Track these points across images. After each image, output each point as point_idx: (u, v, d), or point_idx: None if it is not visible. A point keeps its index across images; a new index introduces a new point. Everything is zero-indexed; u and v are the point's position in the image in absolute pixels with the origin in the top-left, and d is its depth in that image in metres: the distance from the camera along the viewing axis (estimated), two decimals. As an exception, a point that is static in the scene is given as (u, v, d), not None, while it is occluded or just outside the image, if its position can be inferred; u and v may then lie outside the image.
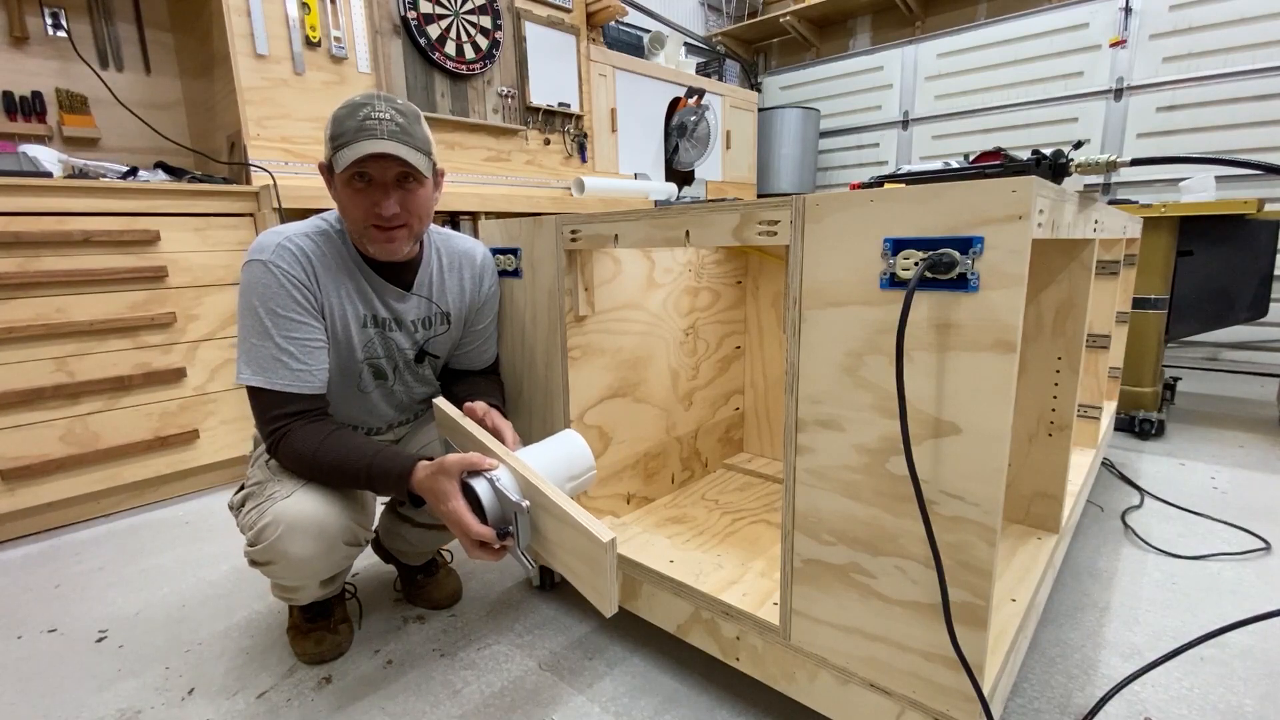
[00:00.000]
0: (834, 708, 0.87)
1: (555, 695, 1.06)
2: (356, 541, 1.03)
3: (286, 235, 1.03)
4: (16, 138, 2.01)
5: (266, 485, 1.01)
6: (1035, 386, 1.22)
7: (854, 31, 4.47)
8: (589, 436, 1.21)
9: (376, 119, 0.98)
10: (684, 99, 3.56)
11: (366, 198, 1.00)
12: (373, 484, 0.96)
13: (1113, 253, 1.65)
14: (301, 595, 1.06)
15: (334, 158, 0.98)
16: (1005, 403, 0.66)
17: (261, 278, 0.99)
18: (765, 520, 1.30)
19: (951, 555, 0.72)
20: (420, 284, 1.14)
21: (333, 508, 0.99)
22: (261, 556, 0.97)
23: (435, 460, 0.91)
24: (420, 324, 1.16)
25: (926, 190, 0.69)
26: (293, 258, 1.01)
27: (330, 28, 2.17)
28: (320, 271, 1.03)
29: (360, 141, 0.96)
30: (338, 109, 0.99)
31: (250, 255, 1.01)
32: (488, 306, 1.24)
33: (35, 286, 1.62)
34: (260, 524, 0.96)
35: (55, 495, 1.70)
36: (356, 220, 1.02)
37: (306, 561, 0.97)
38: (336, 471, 0.97)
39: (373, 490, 0.98)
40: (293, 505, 0.96)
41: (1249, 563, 1.43)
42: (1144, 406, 2.27)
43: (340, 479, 0.98)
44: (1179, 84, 3.11)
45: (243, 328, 1.00)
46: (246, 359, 1.00)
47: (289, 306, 1.00)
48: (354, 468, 0.96)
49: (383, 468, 0.95)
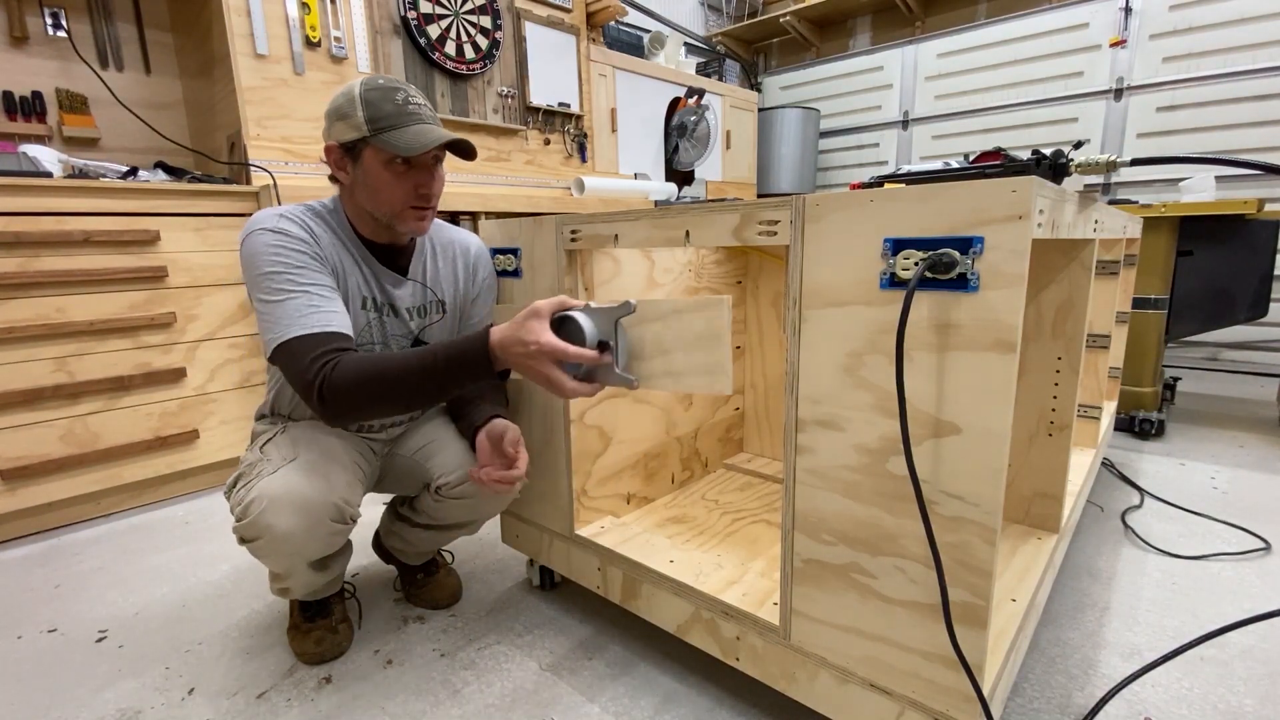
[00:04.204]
0: (834, 708, 0.87)
1: (555, 695, 1.06)
2: (343, 519, 1.02)
3: (282, 211, 1.02)
4: (16, 138, 2.01)
5: (256, 465, 1.02)
6: (1035, 386, 1.22)
7: (854, 31, 4.47)
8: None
9: (416, 104, 1.01)
10: (684, 99, 3.56)
11: (409, 180, 1.01)
12: (450, 368, 0.88)
13: (1113, 253, 1.65)
14: (293, 583, 1.06)
15: (375, 139, 0.98)
16: (1005, 403, 0.66)
17: (272, 241, 0.97)
18: (765, 520, 1.30)
19: (951, 555, 0.72)
20: (415, 270, 1.15)
21: (318, 483, 0.99)
22: (247, 532, 0.97)
23: (522, 310, 0.87)
24: (416, 311, 1.16)
25: (926, 190, 0.69)
26: (297, 226, 1.01)
27: (330, 28, 2.17)
28: (323, 244, 1.03)
29: (411, 126, 0.98)
30: (363, 90, 0.98)
31: (251, 228, 0.98)
32: (483, 298, 1.24)
33: (35, 286, 1.62)
34: (247, 500, 0.97)
35: (55, 495, 1.70)
36: (394, 201, 1.02)
37: (290, 536, 0.96)
38: (405, 375, 0.89)
39: (450, 381, 0.89)
40: (278, 480, 0.97)
41: (1249, 563, 1.43)
42: (1144, 406, 2.27)
43: (411, 381, 0.89)
44: (1179, 84, 3.11)
45: (262, 295, 0.96)
46: (274, 323, 0.94)
47: (305, 262, 0.98)
48: (424, 362, 0.89)
49: (456, 346, 0.88)
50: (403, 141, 0.98)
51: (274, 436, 1.09)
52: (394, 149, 0.98)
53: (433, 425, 1.23)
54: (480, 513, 1.22)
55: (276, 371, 1.13)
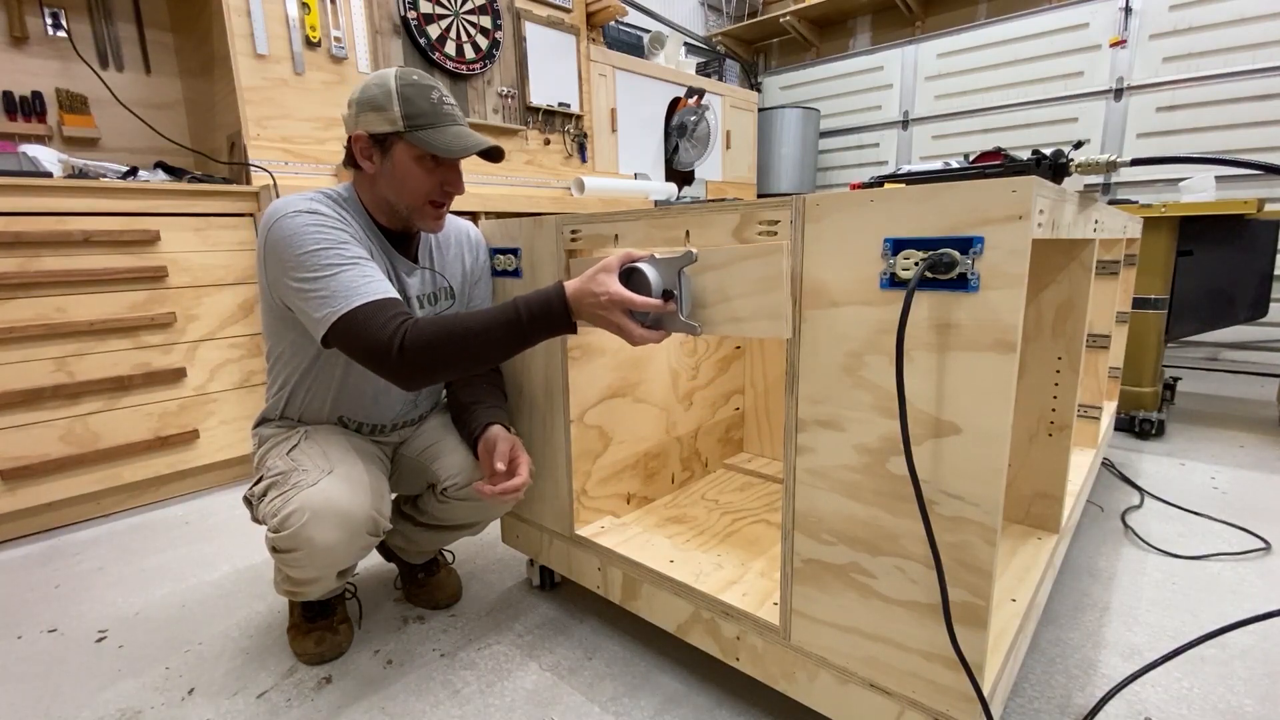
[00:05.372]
0: (834, 708, 0.87)
1: (555, 695, 1.06)
2: (376, 531, 1.03)
3: (307, 196, 1.01)
4: (16, 138, 2.01)
5: (291, 474, 1.00)
6: (1035, 386, 1.22)
7: (854, 31, 4.47)
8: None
9: (450, 104, 1.02)
10: (684, 99, 3.56)
11: (436, 176, 1.03)
12: (534, 323, 0.90)
13: (1113, 253, 1.65)
14: (314, 589, 1.06)
15: (410, 135, 0.98)
16: (1005, 403, 0.66)
17: (310, 222, 0.96)
18: (765, 520, 1.30)
19: (951, 555, 0.72)
20: (424, 257, 1.16)
21: (359, 496, 0.99)
22: (285, 544, 0.95)
23: (592, 265, 0.91)
24: (426, 299, 1.17)
25: (926, 190, 0.69)
26: (328, 209, 1.00)
27: (330, 28, 2.17)
28: (353, 227, 1.03)
29: (450, 128, 1.00)
30: (399, 84, 0.98)
31: (279, 212, 0.97)
32: (483, 282, 1.25)
33: (35, 286, 1.62)
34: (285, 511, 0.95)
35: (55, 495, 1.70)
36: (418, 195, 1.03)
37: (331, 549, 0.96)
38: (487, 330, 0.89)
39: (532, 334, 0.91)
40: (319, 493, 0.96)
41: (1249, 563, 1.43)
42: (1144, 406, 2.27)
43: (493, 336, 0.90)
44: (1179, 84, 3.11)
45: (308, 273, 0.93)
46: (330, 296, 0.92)
47: (347, 239, 0.98)
48: (507, 316, 0.90)
49: (536, 301, 0.90)
50: (441, 143, 0.99)
51: (299, 442, 1.07)
52: (431, 148, 0.99)
53: (438, 426, 1.23)
54: (485, 515, 1.22)
55: (284, 373, 1.13)
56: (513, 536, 1.37)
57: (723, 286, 0.88)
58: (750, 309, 0.86)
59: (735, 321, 0.88)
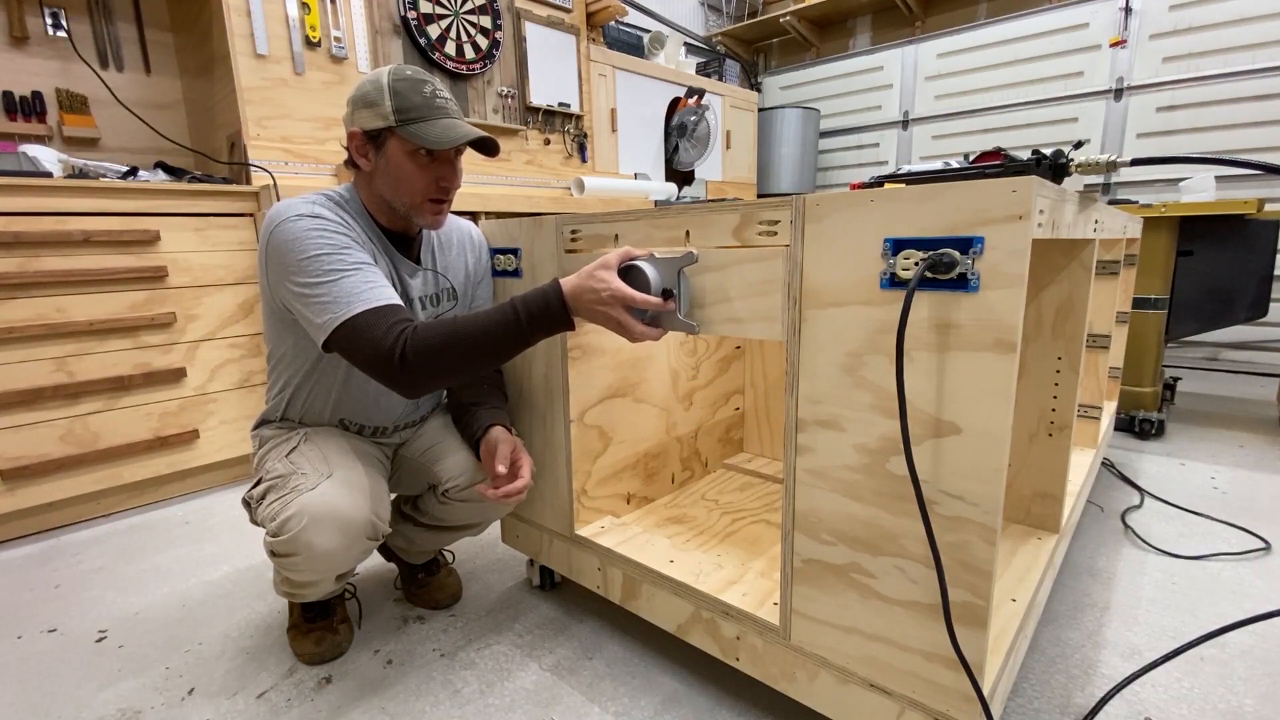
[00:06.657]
0: (834, 708, 0.87)
1: (555, 695, 1.06)
2: (375, 535, 1.03)
3: (308, 199, 1.01)
4: (16, 138, 2.01)
5: (290, 478, 1.00)
6: (1035, 386, 1.22)
7: (854, 31, 4.47)
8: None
9: (444, 98, 1.01)
10: (684, 99, 3.56)
11: (431, 171, 1.02)
12: (532, 323, 0.90)
13: (1113, 253, 1.65)
14: (312, 591, 1.06)
15: (401, 129, 0.98)
16: (1005, 403, 0.66)
17: (312, 226, 0.95)
18: (765, 520, 1.30)
19: (951, 555, 0.72)
20: (425, 258, 1.16)
21: (358, 500, 0.99)
22: (284, 548, 0.95)
23: (590, 263, 0.92)
24: (429, 300, 1.16)
25: (926, 190, 0.69)
26: (331, 212, 1.00)
27: (330, 28, 2.17)
28: (355, 230, 1.03)
29: (440, 120, 0.99)
30: (391, 80, 0.98)
31: (280, 216, 0.96)
32: (485, 282, 1.25)
33: (35, 286, 1.62)
34: (284, 515, 0.95)
35: (55, 495, 1.70)
36: (416, 192, 1.02)
37: (330, 554, 0.96)
38: (487, 333, 0.90)
39: (532, 335, 0.91)
40: (317, 497, 0.96)
41: (1249, 563, 1.43)
42: (1144, 406, 2.27)
43: (493, 338, 0.90)
44: (1179, 84, 3.11)
45: (309, 278, 0.93)
46: (332, 301, 0.92)
47: (349, 244, 0.98)
48: (505, 318, 0.90)
49: (533, 301, 0.90)
50: (431, 135, 0.98)
51: (299, 445, 1.07)
52: (421, 141, 0.98)
53: (439, 427, 1.22)
54: (486, 516, 1.22)
55: (285, 375, 1.13)
56: (513, 536, 1.37)
57: (722, 287, 0.88)
58: (749, 311, 0.86)
59: (735, 322, 0.89)
